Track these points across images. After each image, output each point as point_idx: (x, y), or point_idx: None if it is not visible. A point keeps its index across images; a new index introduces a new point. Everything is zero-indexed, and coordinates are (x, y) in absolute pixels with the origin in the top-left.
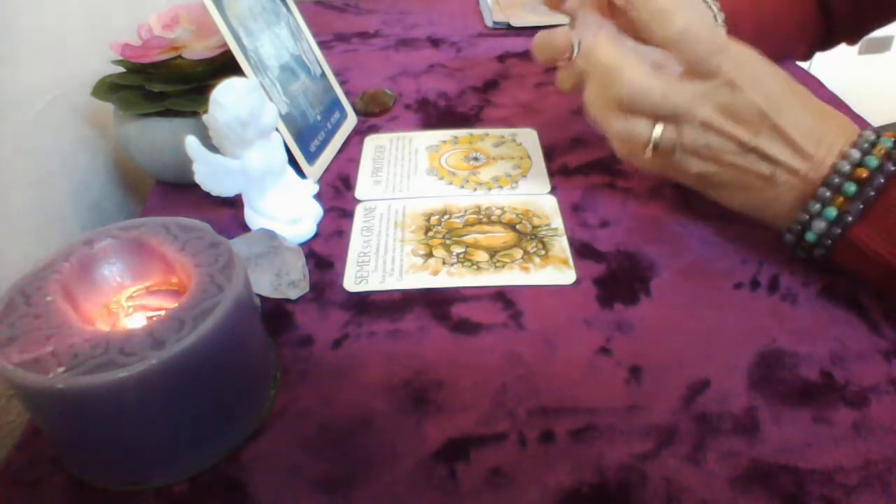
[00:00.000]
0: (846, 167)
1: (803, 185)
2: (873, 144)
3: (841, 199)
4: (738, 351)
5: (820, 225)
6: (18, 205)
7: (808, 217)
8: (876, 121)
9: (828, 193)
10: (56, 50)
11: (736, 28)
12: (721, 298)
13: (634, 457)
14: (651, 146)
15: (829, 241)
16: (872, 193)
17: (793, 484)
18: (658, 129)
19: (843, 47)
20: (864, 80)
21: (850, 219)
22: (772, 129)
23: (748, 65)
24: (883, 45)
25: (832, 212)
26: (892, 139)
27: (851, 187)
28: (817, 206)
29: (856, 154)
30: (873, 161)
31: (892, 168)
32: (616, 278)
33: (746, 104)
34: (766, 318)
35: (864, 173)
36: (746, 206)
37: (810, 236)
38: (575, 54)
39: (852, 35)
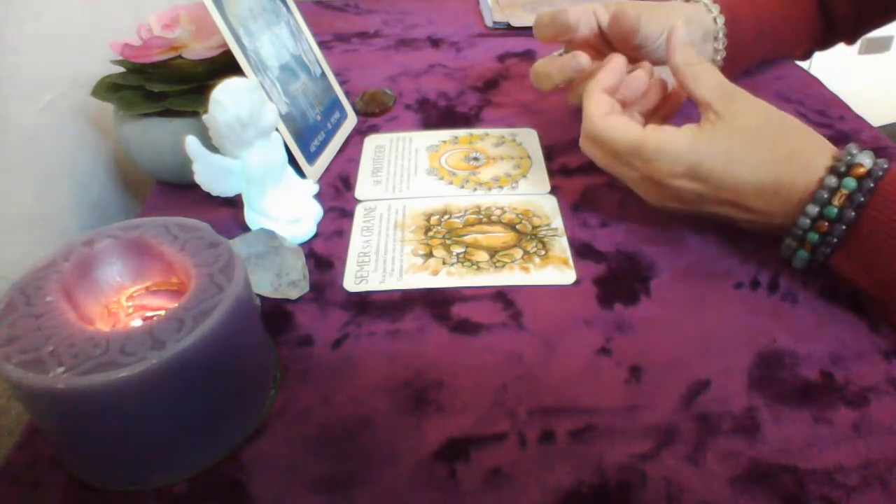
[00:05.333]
0: (806, 223)
1: (771, 228)
2: (835, 190)
3: (808, 244)
4: (738, 351)
5: (799, 260)
6: (19, 204)
7: (786, 254)
8: (876, 121)
9: (794, 243)
10: (56, 50)
11: (737, 32)
12: (721, 298)
13: (634, 457)
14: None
15: (815, 267)
16: (836, 240)
17: (793, 484)
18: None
19: (842, 47)
20: (864, 80)
21: (823, 255)
22: (714, 201)
23: (665, 157)
24: (883, 45)
25: (804, 253)
26: (856, 180)
27: (815, 236)
28: (788, 252)
29: (814, 210)
30: (833, 211)
31: (853, 215)
32: (616, 278)
33: (677, 192)
34: (766, 318)
35: (824, 226)
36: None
37: (796, 263)
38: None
39: (851, 35)
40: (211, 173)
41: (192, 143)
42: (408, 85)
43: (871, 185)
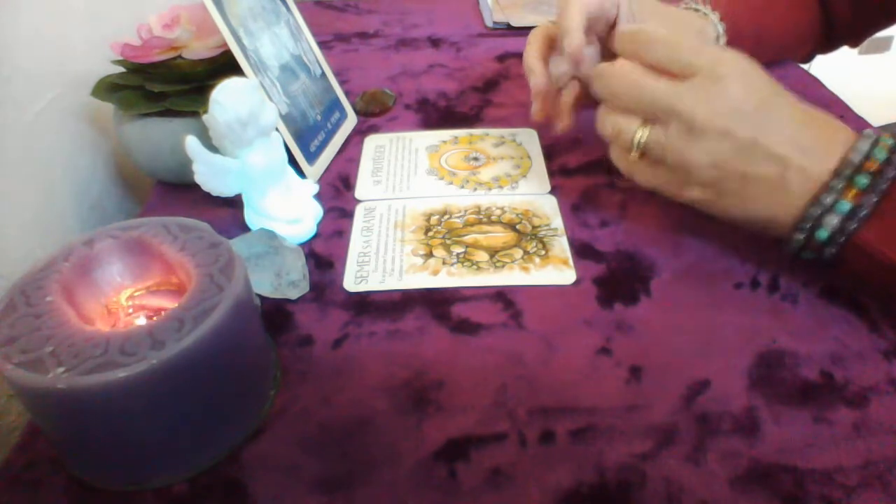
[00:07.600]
0: (857, 158)
1: (811, 183)
2: (877, 141)
3: (854, 191)
4: (738, 351)
5: (832, 221)
6: (19, 205)
7: (820, 212)
8: (876, 121)
9: (840, 185)
10: (56, 50)
11: (737, 36)
12: (721, 298)
13: (634, 457)
14: (637, 147)
15: (842, 239)
16: (885, 186)
17: (793, 484)
18: (644, 131)
19: (842, 47)
20: (864, 80)
21: (864, 212)
22: (769, 120)
23: (732, 63)
24: (883, 45)
25: (846, 205)
26: (892, 138)
27: (864, 179)
28: (829, 199)
29: (864, 145)
30: (882, 153)
31: None
32: (616, 278)
33: (736, 95)
34: (766, 318)
35: (874, 165)
36: (752, 213)
37: (822, 234)
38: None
39: (854, 38)
40: (211, 173)
41: (192, 143)
42: (408, 85)
43: None
